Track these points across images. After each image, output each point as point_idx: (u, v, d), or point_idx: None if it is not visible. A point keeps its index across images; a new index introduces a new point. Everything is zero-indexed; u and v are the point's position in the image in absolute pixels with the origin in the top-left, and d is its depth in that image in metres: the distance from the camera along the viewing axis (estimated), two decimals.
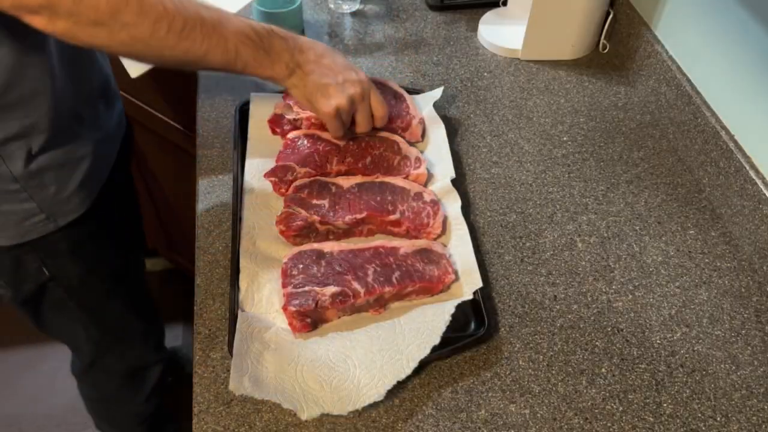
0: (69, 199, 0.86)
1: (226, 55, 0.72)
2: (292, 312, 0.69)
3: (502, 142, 0.98)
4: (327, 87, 0.80)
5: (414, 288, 0.73)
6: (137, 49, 0.67)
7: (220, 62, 0.72)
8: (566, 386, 0.70)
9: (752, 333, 0.76)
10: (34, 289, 0.94)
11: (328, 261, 0.74)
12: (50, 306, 0.99)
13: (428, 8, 1.25)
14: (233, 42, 0.72)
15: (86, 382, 1.25)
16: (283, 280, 0.73)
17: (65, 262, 0.92)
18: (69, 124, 0.83)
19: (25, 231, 0.84)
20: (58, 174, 0.83)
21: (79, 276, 0.95)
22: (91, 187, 0.89)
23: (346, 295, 0.71)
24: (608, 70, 1.14)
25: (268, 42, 0.76)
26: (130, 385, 1.24)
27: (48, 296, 0.96)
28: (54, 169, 0.82)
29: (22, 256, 0.88)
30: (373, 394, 0.65)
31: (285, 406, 0.64)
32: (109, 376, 1.20)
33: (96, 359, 1.15)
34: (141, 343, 1.19)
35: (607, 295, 0.79)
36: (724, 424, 0.68)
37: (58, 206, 0.85)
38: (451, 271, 0.75)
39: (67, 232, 0.88)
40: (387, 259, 0.75)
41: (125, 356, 1.18)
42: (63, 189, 0.85)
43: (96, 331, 1.07)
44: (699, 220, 0.89)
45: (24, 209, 0.82)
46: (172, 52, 0.68)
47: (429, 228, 0.80)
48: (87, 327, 1.06)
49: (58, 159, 0.82)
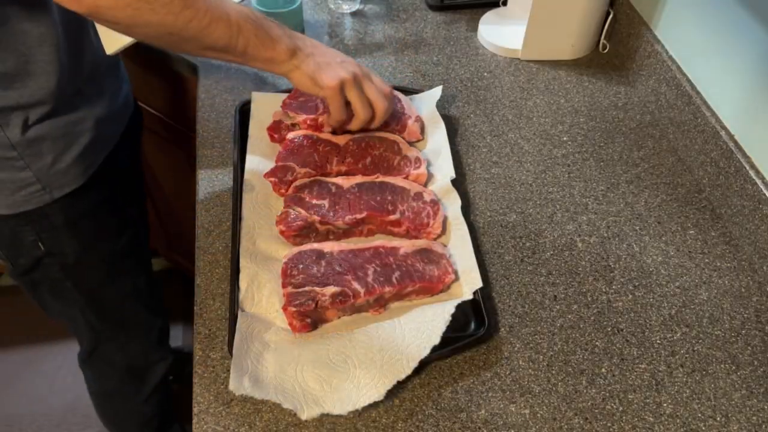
0: (66, 171, 0.86)
1: (229, 29, 0.72)
2: (292, 312, 0.69)
3: (502, 142, 0.98)
4: (329, 64, 0.81)
5: (414, 288, 0.73)
6: (142, 13, 0.66)
7: (221, 37, 0.72)
8: (566, 386, 0.70)
9: (752, 333, 0.76)
10: (30, 264, 0.94)
11: (328, 261, 0.74)
12: (48, 285, 1.00)
13: (428, 8, 1.25)
14: (235, 18, 0.73)
15: (89, 372, 1.25)
16: (283, 280, 0.73)
17: (61, 237, 0.92)
18: (70, 98, 0.84)
19: (21, 201, 0.85)
20: (55, 144, 0.84)
21: (76, 253, 0.95)
22: (90, 162, 0.90)
23: (346, 295, 0.71)
24: (608, 70, 1.14)
25: (267, 24, 0.77)
26: (131, 381, 1.24)
27: (44, 273, 0.96)
28: (52, 139, 0.83)
29: (18, 228, 0.89)
30: (373, 394, 0.65)
31: (285, 406, 0.64)
32: (110, 368, 1.20)
33: (96, 347, 1.14)
34: (142, 336, 1.18)
35: (607, 295, 0.79)
36: (724, 424, 0.68)
37: (55, 177, 0.86)
38: (451, 271, 0.75)
39: (64, 205, 0.89)
40: (387, 259, 0.75)
41: (125, 348, 1.17)
42: (60, 160, 0.85)
43: (93, 317, 1.07)
44: (699, 220, 0.89)
45: (20, 178, 0.83)
46: (175, 19, 0.68)
47: (429, 228, 0.80)
48: (84, 311, 1.05)
49: (56, 130, 0.83)
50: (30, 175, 0.83)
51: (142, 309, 1.14)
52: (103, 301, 1.06)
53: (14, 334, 1.81)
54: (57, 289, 1.00)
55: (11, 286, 1.85)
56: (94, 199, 0.93)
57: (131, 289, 1.09)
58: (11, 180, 0.83)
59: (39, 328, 1.79)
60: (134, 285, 1.09)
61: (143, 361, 1.23)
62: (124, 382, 1.23)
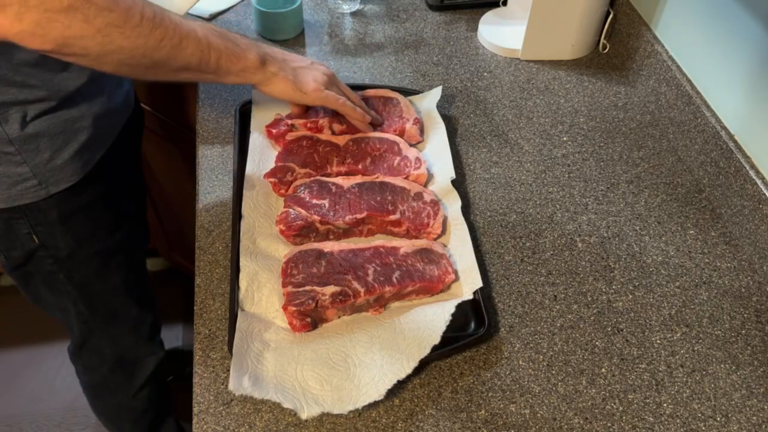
0: (63, 168, 0.86)
1: (199, 44, 0.72)
2: (292, 312, 0.69)
3: (502, 142, 0.98)
4: (303, 68, 0.83)
5: (414, 288, 0.73)
6: (113, 38, 0.64)
7: (193, 53, 0.72)
8: (566, 386, 0.70)
9: (752, 333, 0.76)
10: (23, 256, 0.94)
11: (328, 260, 0.74)
12: (40, 277, 1.00)
13: (428, 8, 1.25)
14: (202, 33, 0.73)
15: (79, 365, 1.25)
16: (283, 279, 0.73)
17: (55, 231, 0.92)
18: (70, 96, 0.84)
19: (17, 195, 0.85)
20: (53, 140, 0.84)
21: (69, 247, 0.95)
22: (88, 159, 0.89)
23: (346, 295, 0.71)
24: (608, 70, 1.14)
25: (232, 36, 0.77)
26: (119, 373, 1.23)
27: (37, 265, 0.96)
28: (50, 136, 0.83)
29: (13, 221, 0.89)
30: (374, 394, 0.65)
31: (285, 405, 0.64)
32: (99, 359, 1.20)
33: (87, 340, 1.15)
34: (132, 329, 1.18)
35: (607, 295, 0.79)
36: (724, 424, 0.68)
37: (52, 173, 0.86)
38: (451, 271, 0.75)
39: (59, 200, 0.89)
40: (387, 259, 0.75)
41: (115, 341, 1.17)
42: (57, 156, 0.85)
43: (85, 309, 1.07)
44: (699, 220, 0.89)
45: (17, 173, 0.83)
46: (146, 41, 0.66)
47: (429, 228, 0.80)
48: (76, 302, 1.05)
49: (55, 126, 0.83)
50: (27, 171, 0.83)
51: (133, 303, 1.14)
52: (95, 294, 1.06)
53: (14, 334, 1.81)
54: (49, 281, 1.01)
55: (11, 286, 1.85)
56: (90, 195, 0.93)
57: (122, 283, 1.09)
58: (7, 174, 0.83)
59: (39, 328, 1.79)
60: (125, 279, 1.09)
61: (133, 354, 1.22)
62: (114, 373, 1.23)
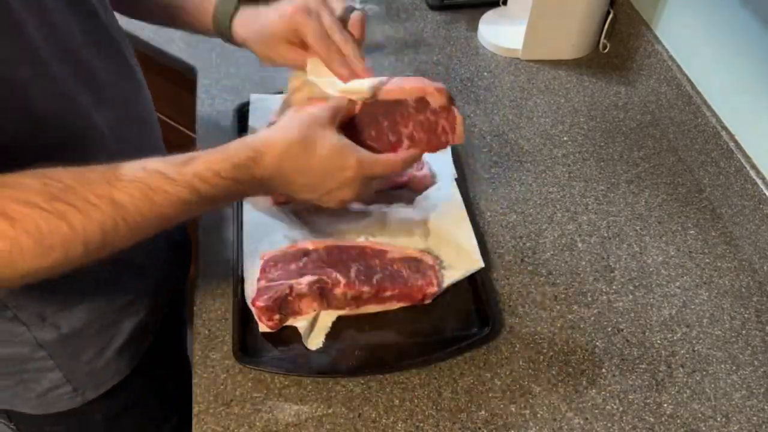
0: (105, 368, 0.70)
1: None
2: (260, 307, 0.68)
3: (502, 142, 0.98)
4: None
5: (393, 293, 0.72)
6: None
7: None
8: (566, 386, 0.70)
9: (752, 333, 0.76)
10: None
11: (310, 258, 0.73)
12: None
13: (428, 8, 1.25)
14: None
15: None
16: (260, 275, 0.71)
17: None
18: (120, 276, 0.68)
19: (48, 403, 0.70)
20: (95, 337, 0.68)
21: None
22: (134, 352, 0.73)
23: (324, 282, 0.69)
24: (608, 69, 1.13)
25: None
26: None
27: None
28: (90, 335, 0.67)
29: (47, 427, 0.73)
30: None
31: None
32: None
33: None
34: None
35: (608, 295, 0.79)
36: (724, 425, 0.68)
37: (90, 377, 0.70)
38: (436, 284, 0.73)
39: (101, 403, 0.73)
40: (372, 261, 0.74)
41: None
42: (99, 355, 0.69)
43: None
44: (699, 220, 0.89)
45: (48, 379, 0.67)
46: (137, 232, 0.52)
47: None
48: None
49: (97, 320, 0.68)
50: (60, 377, 0.67)
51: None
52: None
53: None
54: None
55: None
56: (138, 390, 0.77)
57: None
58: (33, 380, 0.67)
59: None
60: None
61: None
62: None
